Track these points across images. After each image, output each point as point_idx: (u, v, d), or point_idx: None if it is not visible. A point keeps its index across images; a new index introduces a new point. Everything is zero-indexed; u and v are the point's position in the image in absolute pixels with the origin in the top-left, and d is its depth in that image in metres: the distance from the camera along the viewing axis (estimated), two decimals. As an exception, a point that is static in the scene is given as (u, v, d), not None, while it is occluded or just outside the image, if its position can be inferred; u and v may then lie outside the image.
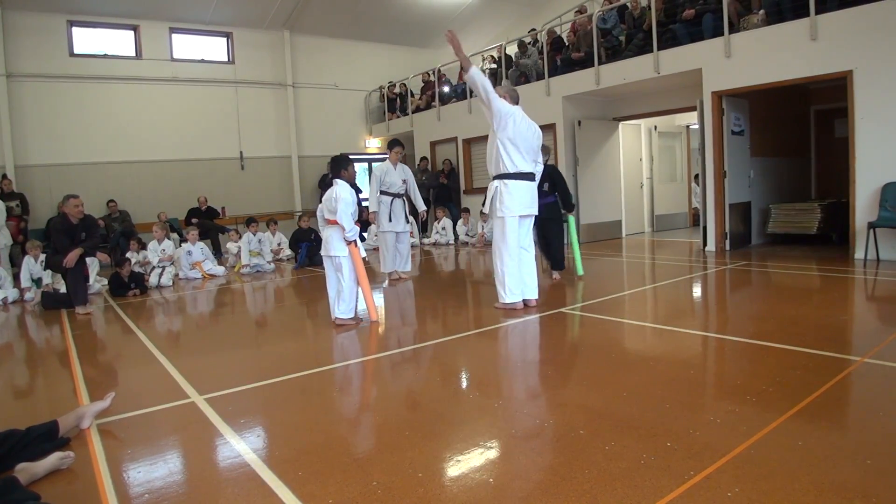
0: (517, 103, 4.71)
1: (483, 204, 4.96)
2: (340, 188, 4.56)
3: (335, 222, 4.53)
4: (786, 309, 4.45)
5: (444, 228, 11.11)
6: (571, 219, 6.29)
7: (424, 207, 7.25)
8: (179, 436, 2.61)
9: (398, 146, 6.79)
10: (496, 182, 4.64)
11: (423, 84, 13.11)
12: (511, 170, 4.58)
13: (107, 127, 10.82)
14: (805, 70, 6.65)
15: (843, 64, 6.33)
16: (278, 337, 4.73)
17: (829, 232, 7.84)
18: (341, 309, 4.58)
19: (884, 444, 2.15)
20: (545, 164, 6.27)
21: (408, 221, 6.93)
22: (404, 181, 6.78)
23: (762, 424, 2.33)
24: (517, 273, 4.67)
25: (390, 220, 6.69)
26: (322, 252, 4.71)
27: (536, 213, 4.82)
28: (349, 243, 4.54)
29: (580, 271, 6.28)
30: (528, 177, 4.68)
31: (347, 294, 4.57)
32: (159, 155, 11.33)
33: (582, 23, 9.47)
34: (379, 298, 5.91)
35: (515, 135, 4.56)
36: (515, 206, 4.57)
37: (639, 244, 9.45)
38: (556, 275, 6.24)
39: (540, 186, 6.16)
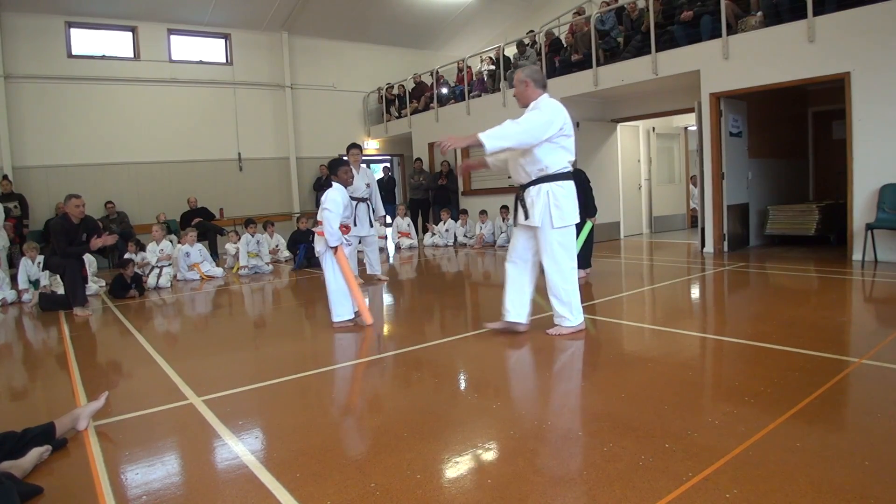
0: (545, 87, 3.90)
1: (513, 213, 4.03)
2: (331, 191, 4.60)
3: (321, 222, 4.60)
4: (784, 310, 4.45)
5: (447, 230, 11.12)
6: (590, 224, 6.14)
7: (384, 213, 7.21)
8: (177, 437, 2.60)
9: (355, 148, 6.79)
10: (547, 185, 3.76)
11: (413, 86, 13.05)
12: (565, 168, 3.80)
13: (105, 128, 10.81)
14: (803, 72, 6.67)
15: (841, 66, 6.35)
16: (276, 338, 4.72)
17: (827, 233, 7.85)
18: (337, 312, 4.58)
19: (882, 445, 2.15)
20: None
21: (371, 225, 6.87)
22: (367, 185, 6.77)
23: (760, 426, 2.33)
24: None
25: (355, 225, 6.62)
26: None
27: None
28: (333, 248, 4.54)
29: None
30: (572, 176, 3.95)
31: (330, 295, 4.59)
32: (157, 156, 11.32)
33: (579, 24, 9.49)
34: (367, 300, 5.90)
35: (567, 125, 3.76)
36: (574, 211, 3.84)
37: (637, 246, 9.46)
38: (581, 273, 6.21)
39: None
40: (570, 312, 3.91)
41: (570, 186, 3.85)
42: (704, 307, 5.12)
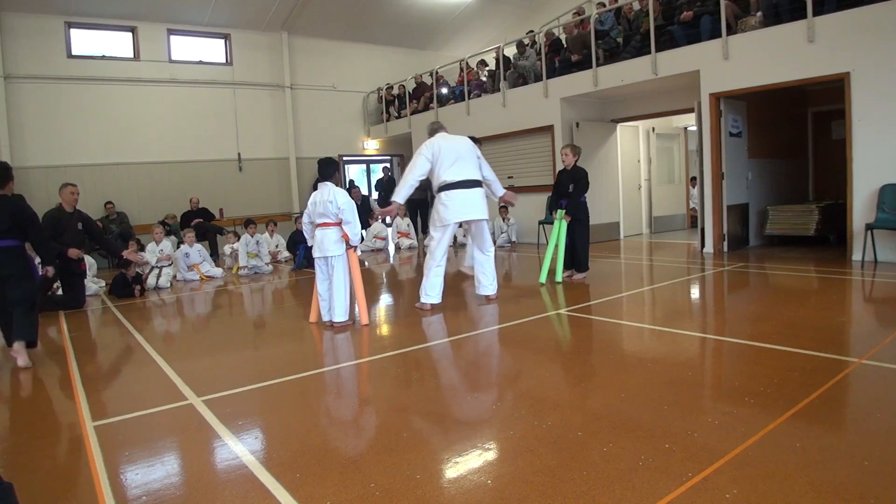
0: (441, 129, 5.32)
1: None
2: (339, 192, 4.57)
3: (328, 224, 4.55)
4: (784, 310, 4.45)
5: None
6: (564, 223, 6.06)
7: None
8: (177, 438, 2.60)
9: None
10: (437, 195, 5.12)
11: (415, 86, 13.08)
12: (447, 180, 5.01)
13: (105, 128, 10.80)
14: (802, 72, 6.66)
15: (841, 66, 6.35)
16: (276, 339, 4.72)
17: (826, 234, 7.85)
18: (338, 312, 4.57)
19: (881, 445, 2.15)
20: (574, 165, 6.28)
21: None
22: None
23: (760, 426, 2.33)
24: (439, 280, 5.19)
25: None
26: (315, 253, 4.68)
27: (483, 218, 5.19)
28: (352, 247, 4.60)
29: (542, 279, 6.03)
30: (465, 184, 5.03)
31: (341, 296, 4.57)
32: (157, 157, 11.32)
33: (569, 28, 9.49)
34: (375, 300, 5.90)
35: (440, 154, 5.04)
36: (449, 215, 5.03)
37: (637, 246, 9.45)
38: (578, 276, 6.19)
39: (566, 187, 6.20)
40: (423, 293, 5.16)
41: (450, 195, 5.03)
42: (704, 307, 5.12)
